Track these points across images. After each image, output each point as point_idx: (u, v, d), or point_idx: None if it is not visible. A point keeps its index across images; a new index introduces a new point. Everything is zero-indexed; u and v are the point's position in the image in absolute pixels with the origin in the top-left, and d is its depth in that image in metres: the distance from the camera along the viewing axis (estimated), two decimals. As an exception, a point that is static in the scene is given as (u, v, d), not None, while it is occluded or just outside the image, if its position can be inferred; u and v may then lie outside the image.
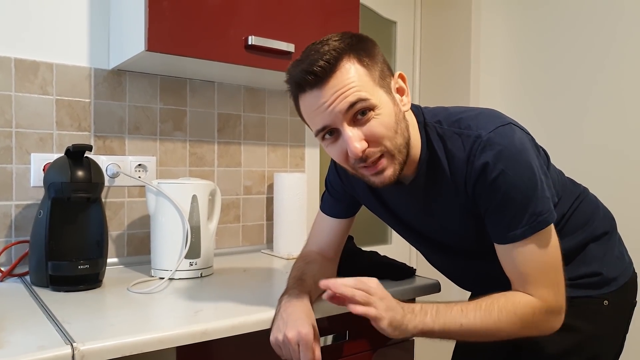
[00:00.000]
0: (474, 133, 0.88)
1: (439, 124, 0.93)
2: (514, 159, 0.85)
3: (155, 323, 0.93)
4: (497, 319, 0.87)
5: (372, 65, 0.87)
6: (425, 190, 0.96)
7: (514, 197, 0.85)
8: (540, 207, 0.86)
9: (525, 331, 0.89)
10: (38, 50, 1.32)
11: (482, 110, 0.95)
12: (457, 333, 0.88)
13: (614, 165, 1.75)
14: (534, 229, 0.86)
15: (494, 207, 0.88)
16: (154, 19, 1.17)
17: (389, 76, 0.91)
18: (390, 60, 2.30)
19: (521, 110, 2.04)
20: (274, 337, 0.91)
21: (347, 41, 0.86)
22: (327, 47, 0.85)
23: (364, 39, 0.90)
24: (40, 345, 0.76)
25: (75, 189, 1.14)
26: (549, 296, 0.88)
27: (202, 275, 1.28)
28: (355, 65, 0.85)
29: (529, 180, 0.85)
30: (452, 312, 0.88)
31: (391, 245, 2.30)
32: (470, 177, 0.89)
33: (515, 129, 0.88)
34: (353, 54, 0.85)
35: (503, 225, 0.88)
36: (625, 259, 1.07)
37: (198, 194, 1.27)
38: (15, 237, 1.29)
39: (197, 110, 1.58)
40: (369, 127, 0.85)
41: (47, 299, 1.05)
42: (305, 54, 0.87)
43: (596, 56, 1.81)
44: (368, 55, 0.87)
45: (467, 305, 0.89)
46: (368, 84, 0.85)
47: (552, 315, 0.89)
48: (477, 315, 0.87)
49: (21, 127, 1.29)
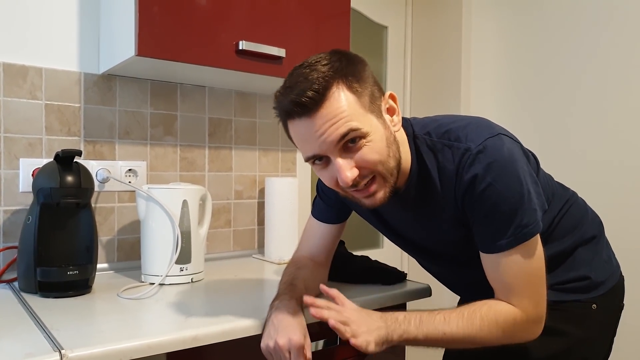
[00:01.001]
0: (464, 145, 0.88)
1: (429, 136, 0.94)
2: (502, 171, 0.85)
3: (146, 329, 0.92)
4: (479, 328, 0.88)
5: (362, 90, 0.85)
6: (416, 202, 0.97)
7: (501, 208, 0.86)
8: (526, 218, 0.86)
9: (506, 340, 0.90)
10: (27, 55, 1.31)
11: (471, 120, 0.94)
12: (440, 341, 0.90)
13: (603, 169, 1.77)
14: (518, 240, 0.87)
15: (481, 217, 0.89)
16: (144, 24, 1.17)
17: (380, 98, 0.89)
18: (381, 65, 2.31)
19: (512, 113, 2.06)
20: (264, 343, 0.91)
21: (336, 65, 0.84)
22: (315, 73, 0.82)
23: (354, 60, 0.87)
24: (28, 353, 0.76)
25: (65, 195, 1.13)
26: (530, 306, 0.89)
27: (193, 280, 1.27)
28: (345, 93, 0.83)
29: (517, 192, 0.86)
30: (435, 321, 0.89)
31: (383, 249, 2.30)
32: (459, 189, 0.89)
33: (504, 140, 0.88)
34: (342, 80, 0.83)
35: (489, 235, 0.89)
36: (613, 262, 1.08)
37: (189, 199, 1.26)
38: (4, 243, 1.28)
39: (188, 115, 1.57)
40: (361, 154, 0.85)
41: (35, 305, 1.04)
42: (293, 80, 0.85)
43: (586, 60, 1.83)
44: (358, 80, 0.85)
45: (450, 313, 0.90)
46: (358, 112, 0.83)
47: (532, 325, 0.91)
48: (459, 324, 0.88)
49: (10, 132, 1.28)
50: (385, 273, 1.27)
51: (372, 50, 2.28)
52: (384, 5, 2.28)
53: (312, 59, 0.86)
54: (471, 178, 0.86)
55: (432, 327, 0.89)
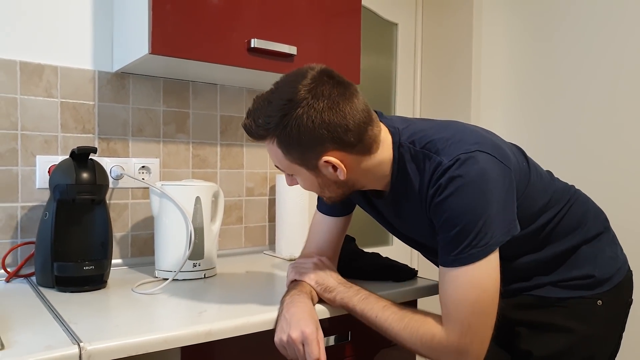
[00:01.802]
0: (438, 159, 0.90)
1: (413, 145, 0.95)
2: (464, 188, 0.85)
3: (160, 323, 0.94)
4: (401, 328, 0.92)
5: (292, 150, 0.92)
6: (398, 203, 1.01)
7: (455, 223, 0.86)
8: (477, 240, 0.84)
9: (424, 352, 0.91)
10: (43, 54, 1.33)
11: (457, 132, 0.94)
12: (371, 322, 0.96)
13: (612, 166, 1.77)
14: (461, 261, 0.85)
15: (438, 227, 0.90)
16: (158, 22, 1.19)
17: (316, 158, 0.91)
18: (391, 62, 2.31)
19: (521, 111, 2.06)
20: (278, 338, 0.93)
21: (277, 122, 0.89)
22: (262, 118, 0.91)
23: (297, 124, 0.89)
24: (48, 345, 0.78)
25: (80, 191, 1.15)
26: (454, 333, 0.86)
27: (206, 276, 1.29)
28: (274, 147, 0.93)
29: (474, 212, 0.84)
30: (376, 304, 0.97)
31: (392, 247, 2.31)
32: (428, 197, 0.91)
33: (478, 157, 0.87)
34: (276, 138, 0.91)
35: (441, 247, 0.90)
36: (619, 258, 1.07)
37: (201, 196, 1.28)
38: (21, 239, 1.30)
39: (200, 113, 1.59)
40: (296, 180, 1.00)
41: (53, 299, 1.06)
42: (252, 108, 0.94)
43: (597, 61, 1.82)
44: (291, 144, 0.90)
45: (392, 305, 0.96)
46: (283, 162, 0.95)
47: (454, 353, 0.87)
48: (390, 316, 0.94)
49: (27, 130, 1.31)
50: (395, 270, 1.28)
51: (382, 48, 2.29)
52: (394, 2, 2.28)
53: (281, 93, 0.91)
54: (435, 189, 0.89)
55: (369, 307, 0.96)
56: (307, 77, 0.89)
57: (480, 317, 0.86)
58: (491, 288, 0.86)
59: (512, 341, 1.03)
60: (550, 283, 1.01)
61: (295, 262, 1.12)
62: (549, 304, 1.01)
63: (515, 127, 2.08)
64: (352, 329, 1.14)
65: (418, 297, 1.23)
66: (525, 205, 0.94)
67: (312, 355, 0.89)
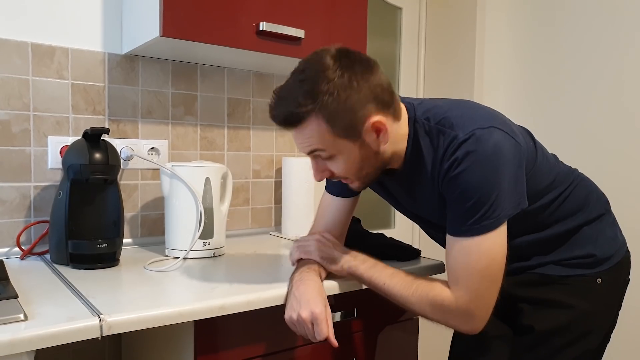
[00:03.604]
0: (453, 133, 0.92)
1: (427, 121, 0.98)
2: (479, 162, 0.88)
3: (174, 298, 0.97)
4: (410, 294, 0.96)
5: (340, 120, 0.90)
6: (410, 180, 1.03)
7: (469, 196, 0.89)
8: (489, 214, 0.88)
9: (435, 317, 0.96)
10: (54, 35, 1.35)
11: (471, 109, 0.98)
12: (380, 289, 1.01)
13: (615, 150, 1.79)
14: (474, 232, 0.89)
15: (451, 200, 0.93)
16: (169, 5, 1.20)
17: (362, 123, 0.92)
18: (395, 46, 2.32)
19: (524, 95, 2.07)
20: (288, 315, 0.96)
21: (319, 98, 0.88)
22: (299, 97, 0.89)
23: (345, 87, 0.89)
24: (70, 317, 0.81)
25: (94, 171, 1.18)
26: (464, 298, 0.91)
27: (215, 255, 1.32)
28: (318, 123, 0.90)
29: (488, 186, 0.88)
30: (384, 272, 1.01)
31: (394, 230, 2.35)
32: (441, 173, 0.94)
33: (493, 133, 0.90)
34: (322, 114, 0.89)
35: (453, 218, 0.93)
36: (618, 239, 1.11)
37: (211, 177, 1.31)
38: (35, 218, 1.33)
39: (208, 95, 1.61)
40: (330, 165, 0.97)
41: (69, 275, 1.09)
42: (283, 93, 0.93)
43: (601, 45, 1.83)
44: (339, 112, 0.89)
45: (398, 272, 1.01)
46: (327, 140, 0.92)
47: (461, 315, 0.93)
48: (399, 282, 0.98)
49: (38, 111, 1.33)
50: (400, 249, 1.32)
51: (386, 32, 2.30)
52: (399, -14, 2.29)
53: (311, 71, 0.91)
54: (450, 163, 0.91)
55: (377, 275, 1.01)
56: (331, 51, 0.92)
57: (488, 284, 0.91)
58: (499, 257, 0.91)
59: (515, 317, 1.07)
60: (553, 262, 1.04)
61: (299, 241, 1.15)
62: (551, 281, 1.04)
63: (518, 110, 2.09)
64: (358, 306, 1.18)
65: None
66: (531, 183, 0.97)
67: (321, 334, 0.93)
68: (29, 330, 0.75)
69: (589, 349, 1.04)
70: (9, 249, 1.29)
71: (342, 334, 1.16)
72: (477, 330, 0.94)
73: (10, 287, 0.94)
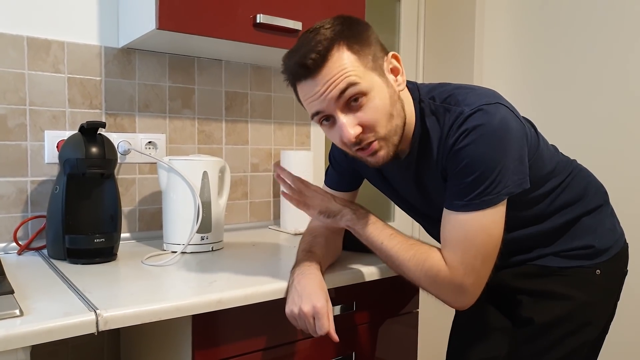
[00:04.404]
0: (459, 109, 0.91)
1: (433, 100, 0.96)
2: (485, 136, 0.87)
3: (172, 293, 0.97)
4: (407, 258, 0.95)
5: (363, 51, 0.89)
6: (418, 164, 1.00)
7: (472, 170, 0.88)
8: (491, 189, 0.87)
9: (427, 286, 0.95)
10: (49, 29, 1.33)
11: (476, 88, 0.96)
12: (377, 249, 1.00)
13: (615, 140, 1.78)
14: (475, 206, 0.88)
15: (453, 173, 0.91)
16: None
17: (382, 58, 0.93)
18: (394, 38, 2.30)
19: (524, 85, 2.06)
20: (289, 309, 0.95)
21: (338, 28, 0.88)
22: (318, 36, 0.87)
23: (355, 23, 0.92)
24: (66, 312, 0.80)
25: (90, 165, 1.17)
26: (458, 271, 0.91)
27: (213, 249, 1.32)
28: (346, 53, 0.87)
29: (493, 161, 0.87)
30: (383, 231, 1.00)
31: (394, 223, 2.34)
32: (446, 148, 0.92)
33: (500, 108, 0.89)
34: (343, 41, 0.88)
35: (452, 192, 0.92)
36: (617, 230, 1.10)
37: (209, 171, 1.30)
38: (32, 212, 1.32)
39: (205, 89, 1.60)
40: (363, 113, 0.89)
41: (65, 270, 1.09)
42: (299, 44, 0.91)
43: (603, 32, 1.82)
44: (359, 41, 0.89)
45: (399, 234, 0.99)
46: (359, 69, 0.87)
47: (454, 288, 0.92)
48: (397, 245, 0.97)
49: (35, 105, 1.32)
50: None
51: (385, 24, 2.28)
52: (398, -23, 2.27)
53: (317, 24, 0.91)
54: (456, 137, 0.89)
55: (376, 233, 0.99)
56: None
57: (483, 260, 0.91)
58: (496, 234, 0.90)
59: (515, 309, 1.06)
60: (552, 253, 1.04)
61: (300, 195, 1.09)
62: (550, 272, 1.04)
63: (518, 102, 2.07)
64: (357, 300, 1.18)
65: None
66: (534, 168, 0.95)
67: (323, 329, 0.92)
68: (24, 326, 0.75)
69: (588, 340, 1.04)
70: (6, 244, 1.28)
71: (342, 327, 1.15)
72: (466, 306, 0.94)
73: (6, 282, 0.94)
